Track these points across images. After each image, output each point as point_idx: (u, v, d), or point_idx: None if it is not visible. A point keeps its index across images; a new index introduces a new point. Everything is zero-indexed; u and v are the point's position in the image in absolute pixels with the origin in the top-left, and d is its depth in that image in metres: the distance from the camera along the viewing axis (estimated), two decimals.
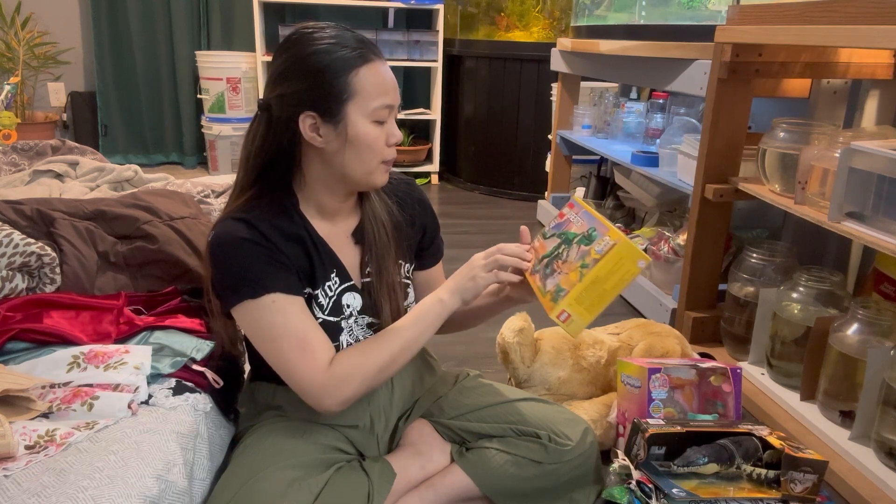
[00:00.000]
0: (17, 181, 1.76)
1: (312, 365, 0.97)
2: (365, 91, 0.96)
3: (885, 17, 1.25)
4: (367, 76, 0.96)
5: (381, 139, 0.99)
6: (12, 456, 0.89)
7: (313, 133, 0.98)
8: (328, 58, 0.95)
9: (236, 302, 0.98)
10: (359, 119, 0.97)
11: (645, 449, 1.22)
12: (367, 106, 0.97)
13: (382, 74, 0.98)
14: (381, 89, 0.97)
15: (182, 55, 3.85)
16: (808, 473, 1.18)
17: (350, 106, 0.96)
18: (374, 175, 1.02)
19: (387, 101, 0.98)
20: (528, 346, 1.47)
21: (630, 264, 0.93)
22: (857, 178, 1.33)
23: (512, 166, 3.69)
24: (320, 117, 0.97)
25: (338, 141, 0.98)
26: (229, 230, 0.98)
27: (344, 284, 1.07)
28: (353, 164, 0.99)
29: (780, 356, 1.59)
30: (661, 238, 2.17)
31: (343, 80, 0.95)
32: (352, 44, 0.97)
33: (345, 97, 0.96)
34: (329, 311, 1.05)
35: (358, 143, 0.98)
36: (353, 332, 1.08)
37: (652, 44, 2.11)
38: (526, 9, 3.58)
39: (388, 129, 1.00)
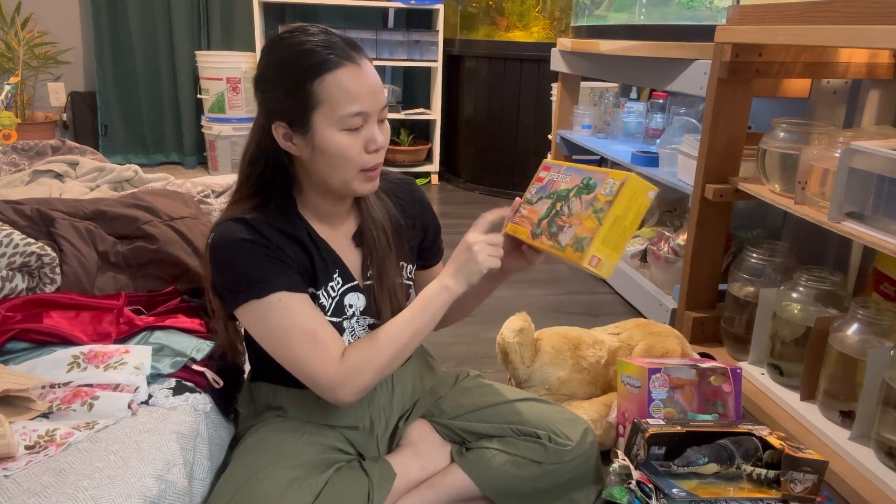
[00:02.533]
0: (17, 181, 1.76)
1: (325, 358, 0.96)
2: (332, 99, 0.91)
3: (885, 17, 1.25)
4: (334, 83, 0.91)
5: (353, 147, 0.94)
6: (12, 456, 0.89)
7: (287, 142, 0.96)
8: (293, 66, 0.92)
9: (241, 303, 0.97)
10: (326, 128, 0.93)
11: (645, 449, 1.22)
12: (333, 115, 0.92)
13: (354, 80, 0.92)
14: (349, 96, 0.92)
15: (182, 55, 3.85)
16: (808, 473, 1.18)
17: (316, 115, 0.92)
18: (353, 183, 0.98)
19: (356, 108, 0.92)
20: (528, 347, 1.47)
21: (642, 197, 0.95)
22: (857, 178, 1.33)
23: (512, 166, 3.69)
24: (290, 127, 0.95)
25: (308, 150, 0.96)
26: (229, 231, 0.98)
27: (347, 285, 1.07)
28: (328, 173, 0.97)
29: (780, 356, 1.59)
30: (661, 238, 2.17)
31: (307, 89, 0.91)
32: (320, 49, 0.91)
33: (310, 106, 0.92)
34: (331, 312, 1.05)
35: (327, 152, 0.94)
36: (354, 332, 1.08)
37: (652, 44, 2.11)
38: (526, 9, 3.58)
39: (366, 135, 0.95)
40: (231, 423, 1.18)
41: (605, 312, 2.20)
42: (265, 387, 1.13)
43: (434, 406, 1.21)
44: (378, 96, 0.95)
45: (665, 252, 2.12)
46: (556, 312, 2.17)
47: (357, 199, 1.10)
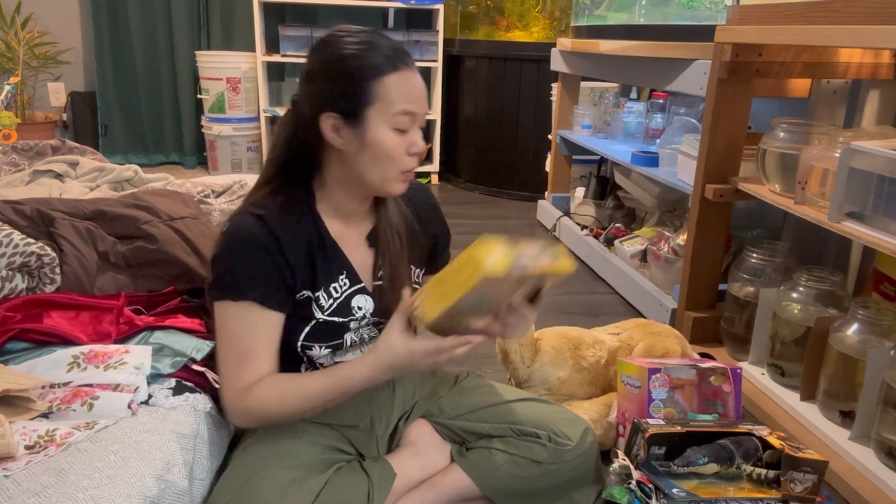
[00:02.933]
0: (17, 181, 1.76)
1: (236, 380, 0.99)
2: (388, 97, 0.96)
3: (885, 17, 1.25)
4: (393, 83, 0.96)
5: (400, 147, 0.99)
6: (12, 456, 0.89)
7: (334, 133, 0.99)
8: (356, 62, 0.96)
9: (218, 298, 1.00)
10: (379, 124, 0.97)
11: (645, 449, 1.22)
12: (388, 111, 0.96)
13: (410, 83, 0.98)
14: (405, 97, 0.97)
15: (182, 55, 3.85)
16: (808, 473, 1.18)
17: (371, 110, 0.96)
18: (391, 183, 1.02)
19: (409, 108, 0.98)
20: (528, 347, 1.47)
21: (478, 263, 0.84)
22: (857, 178, 1.33)
23: (512, 166, 3.69)
24: (342, 118, 0.97)
25: (356, 144, 0.98)
26: (243, 226, 0.99)
27: (354, 287, 1.07)
28: (370, 169, 1.00)
29: (780, 356, 1.59)
30: (661, 238, 2.18)
31: (367, 85, 0.95)
32: (383, 50, 0.96)
33: (367, 101, 0.96)
34: (332, 312, 1.05)
35: (376, 148, 0.98)
36: (359, 331, 1.09)
37: (652, 44, 2.11)
38: (526, 9, 3.58)
39: (410, 138, 1.00)
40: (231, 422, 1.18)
41: (605, 312, 2.20)
42: None
43: (434, 406, 1.21)
44: (425, 102, 1.01)
45: (665, 252, 2.12)
46: (556, 312, 2.17)
47: (376, 200, 1.11)
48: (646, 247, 2.29)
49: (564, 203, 3.10)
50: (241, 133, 3.78)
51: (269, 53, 3.72)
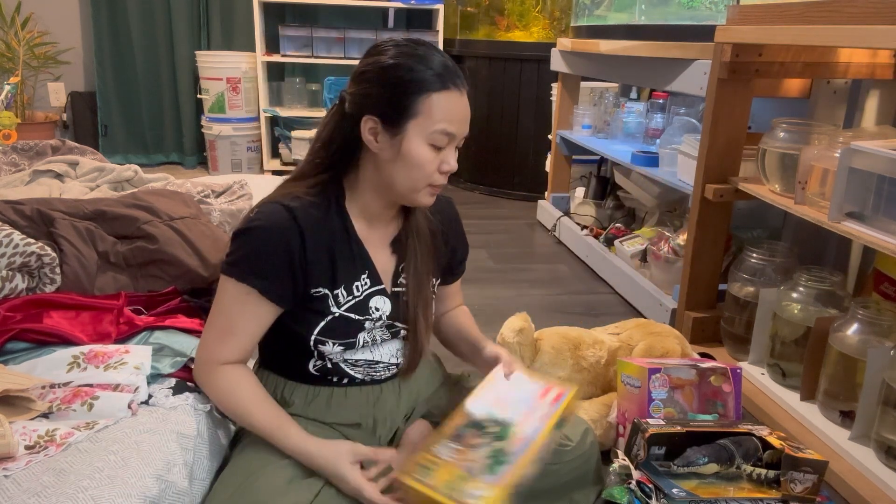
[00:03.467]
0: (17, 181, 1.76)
1: (214, 352, 1.03)
2: (430, 114, 0.97)
3: (885, 17, 1.25)
4: (438, 102, 0.97)
5: (433, 163, 1.00)
6: (12, 456, 0.89)
7: (371, 137, 1.00)
8: (407, 74, 0.97)
9: (226, 272, 1.02)
10: (416, 138, 0.98)
11: (645, 449, 1.22)
12: (427, 128, 0.98)
13: (455, 104, 0.99)
14: (447, 116, 0.98)
15: (182, 55, 3.85)
16: (808, 473, 1.18)
17: (411, 123, 0.98)
18: (419, 195, 1.03)
19: (449, 128, 0.99)
20: (528, 347, 1.47)
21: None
22: (857, 178, 1.33)
23: (512, 166, 3.69)
24: (381, 124, 0.99)
25: (392, 151, 1.00)
26: (270, 213, 1.01)
27: (374, 287, 1.08)
28: (400, 178, 1.01)
29: (780, 356, 1.59)
30: (661, 238, 2.18)
31: (413, 98, 0.97)
32: (435, 67, 0.98)
33: (410, 114, 0.97)
34: (350, 308, 1.06)
35: (409, 159, 0.99)
36: (373, 332, 1.09)
37: (652, 44, 2.11)
38: (526, 9, 3.58)
39: (444, 156, 1.01)
40: (231, 422, 1.18)
41: (605, 312, 2.20)
42: (272, 378, 1.13)
43: (434, 406, 1.21)
44: (466, 126, 1.02)
45: (665, 252, 2.12)
46: (556, 312, 2.17)
47: (404, 208, 1.12)
48: (646, 247, 2.29)
49: (564, 203, 3.10)
50: (241, 133, 3.78)
51: (269, 53, 3.72)
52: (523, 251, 2.82)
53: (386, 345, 1.12)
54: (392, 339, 1.12)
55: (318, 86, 3.93)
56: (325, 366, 1.08)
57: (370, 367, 1.10)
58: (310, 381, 1.09)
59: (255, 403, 1.03)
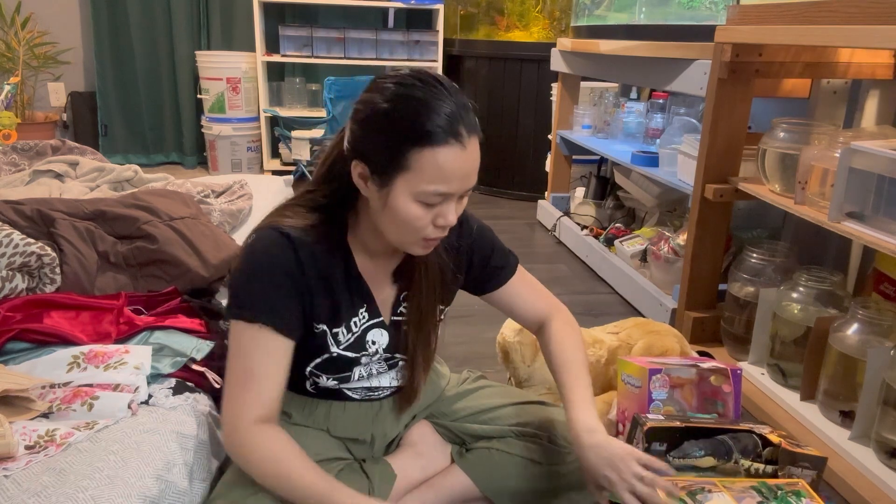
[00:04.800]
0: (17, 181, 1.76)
1: (240, 406, 0.92)
2: (420, 171, 0.86)
3: (885, 17, 1.25)
4: (431, 159, 0.85)
5: (422, 219, 0.89)
6: (12, 456, 0.89)
7: (361, 181, 0.91)
8: (399, 123, 0.86)
9: (234, 316, 0.94)
10: (403, 194, 0.88)
11: (644, 442, 1.22)
12: (416, 186, 0.87)
13: (454, 160, 0.86)
14: (439, 175, 0.86)
15: (182, 55, 3.85)
16: (807, 469, 1.17)
17: (399, 178, 0.87)
18: (409, 246, 0.95)
19: (441, 188, 0.87)
20: (529, 346, 1.47)
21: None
22: (857, 178, 1.33)
23: (512, 166, 3.69)
24: (369, 172, 0.89)
25: (379, 201, 0.90)
26: (269, 243, 0.94)
27: (372, 321, 1.03)
28: (388, 228, 0.93)
29: (780, 356, 1.59)
30: (661, 238, 2.17)
31: (404, 152, 0.85)
32: (436, 118, 0.85)
33: (398, 167, 0.86)
34: (348, 347, 1.02)
35: (395, 214, 0.89)
36: (369, 366, 1.06)
37: (652, 44, 2.11)
38: (526, 9, 3.58)
39: (440, 210, 0.90)
40: None
41: (605, 312, 2.20)
42: None
43: (435, 408, 1.21)
44: (468, 180, 0.90)
45: (665, 252, 2.12)
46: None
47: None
48: (646, 247, 2.29)
49: (564, 203, 3.10)
50: (241, 133, 3.78)
51: (269, 53, 3.72)
52: (523, 251, 2.82)
53: (383, 375, 1.08)
54: (390, 370, 1.08)
55: (318, 86, 3.93)
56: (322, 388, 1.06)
57: (368, 391, 1.08)
58: (307, 395, 1.07)
59: (302, 470, 0.91)
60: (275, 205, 1.03)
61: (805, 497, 1.05)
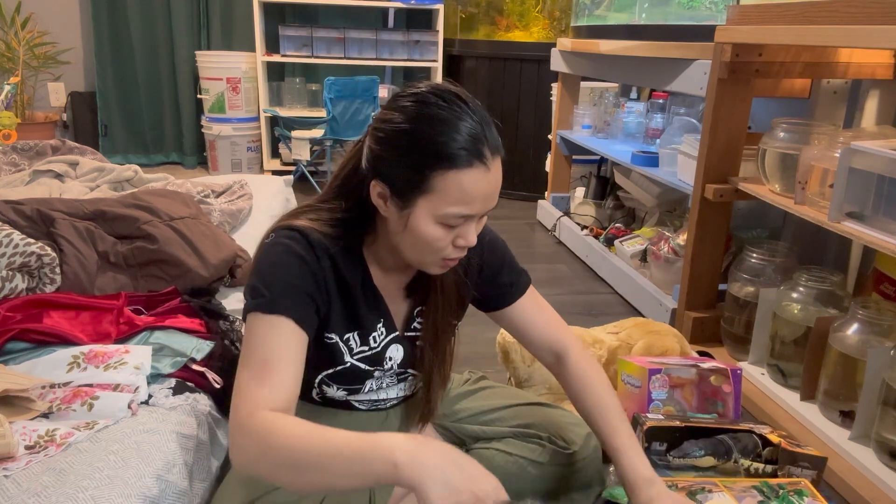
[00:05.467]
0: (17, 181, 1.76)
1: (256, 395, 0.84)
2: (443, 193, 0.84)
3: (885, 17, 1.25)
4: (455, 181, 0.84)
5: (443, 241, 0.88)
6: (12, 456, 0.89)
7: (381, 201, 0.90)
8: (425, 144, 0.83)
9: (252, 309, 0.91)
10: (424, 216, 0.86)
11: (643, 441, 1.22)
12: (438, 208, 0.85)
13: (477, 182, 0.85)
14: (463, 198, 0.85)
15: (182, 55, 3.85)
16: (807, 469, 1.18)
17: (421, 199, 0.85)
18: (428, 266, 0.93)
19: (463, 211, 0.86)
20: None
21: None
22: (857, 178, 1.33)
23: (512, 166, 3.69)
24: (390, 193, 0.88)
25: (399, 222, 0.89)
26: (291, 241, 0.92)
27: (390, 335, 1.02)
28: (407, 249, 0.91)
29: (780, 356, 1.59)
30: (661, 238, 2.17)
31: (425, 174, 0.84)
32: (459, 138, 0.83)
33: (420, 189, 0.85)
34: (364, 359, 1.00)
35: (415, 235, 0.88)
36: (381, 380, 1.05)
37: (652, 44, 2.11)
38: (526, 9, 3.58)
39: (460, 231, 0.89)
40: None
41: (605, 312, 2.20)
42: None
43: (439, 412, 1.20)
44: (491, 200, 0.89)
45: (665, 252, 2.12)
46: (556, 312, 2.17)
47: None
48: (646, 247, 2.29)
49: (564, 203, 3.10)
50: (241, 133, 3.78)
51: (269, 53, 3.72)
52: (523, 251, 2.82)
53: (392, 388, 1.08)
54: (399, 384, 1.08)
55: (318, 86, 3.94)
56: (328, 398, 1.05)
57: (375, 403, 1.08)
58: (312, 402, 1.06)
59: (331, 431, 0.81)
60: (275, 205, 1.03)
61: (808, 496, 1.05)
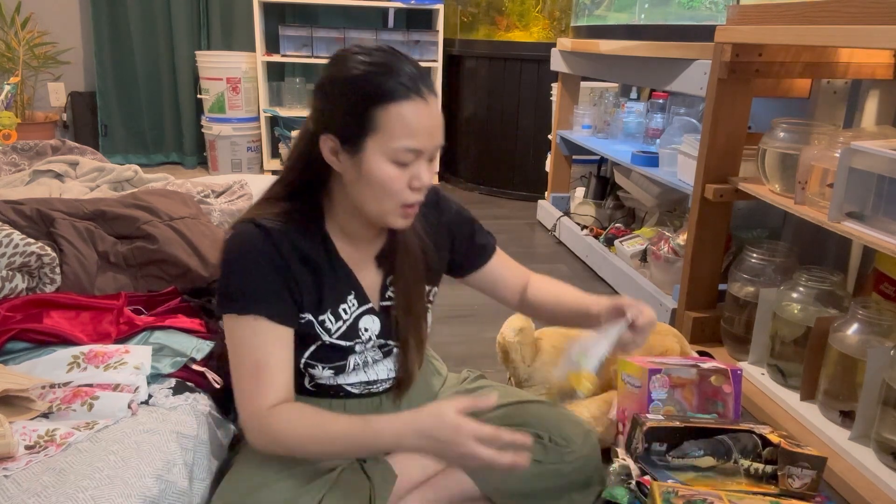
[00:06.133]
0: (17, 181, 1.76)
1: (256, 397, 0.93)
2: (388, 129, 0.88)
3: (885, 17, 1.25)
4: (398, 114, 0.88)
5: (399, 180, 0.91)
6: (12, 456, 0.89)
7: (333, 156, 0.93)
8: (361, 85, 0.88)
9: (225, 311, 0.96)
10: (377, 156, 0.89)
11: (643, 442, 1.22)
12: (386, 144, 0.89)
13: (418, 115, 0.89)
14: (409, 131, 0.88)
15: (182, 55, 3.85)
16: (807, 469, 1.18)
17: (370, 140, 0.89)
18: (390, 217, 0.95)
19: (412, 144, 0.89)
20: (529, 346, 1.47)
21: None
22: (857, 178, 1.33)
23: (512, 166, 3.69)
24: (340, 144, 0.91)
25: (354, 171, 0.92)
26: (248, 237, 0.95)
27: (362, 307, 1.04)
28: (366, 199, 0.94)
29: (780, 356, 1.59)
30: (661, 238, 2.17)
31: (370, 113, 0.88)
32: (395, 75, 0.88)
33: (367, 130, 0.89)
34: (341, 335, 1.02)
35: (371, 179, 0.91)
36: (364, 354, 1.06)
37: (652, 44, 2.11)
38: (526, 9, 3.58)
39: (413, 171, 0.92)
40: (231, 422, 1.18)
41: None
42: None
43: None
44: (436, 136, 0.92)
45: (665, 252, 2.12)
46: None
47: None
48: (646, 247, 2.29)
49: (564, 203, 3.10)
50: (241, 133, 3.78)
51: (269, 53, 3.72)
52: (523, 251, 2.82)
53: (379, 364, 1.09)
54: (385, 358, 1.09)
55: None
56: (320, 384, 1.06)
57: (367, 385, 1.09)
58: (307, 394, 1.07)
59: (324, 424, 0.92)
60: None
61: None
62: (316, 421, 0.93)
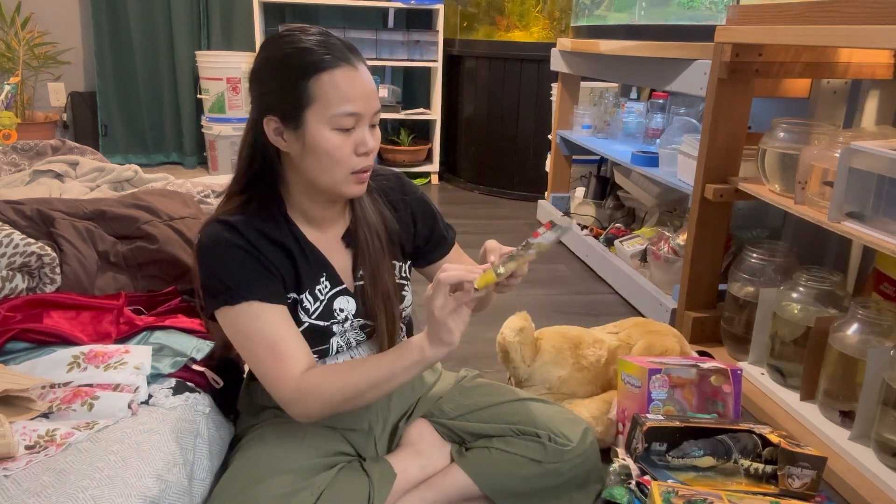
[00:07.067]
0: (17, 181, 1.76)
1: (282, 374, 0.96)
2: (325, 97, 0.92)
3: (885, 17, 1.25)
4: (329, 82, 0.92)
5: (343, 148, 0.95)
6: (12, 456, 0.89)
7: (277, 137, 0.97)
8: (290, 61, 0.93)
9: (215, 307, 0.98)
10: (318, 126, 0.93)
11: (643, 442, 1.22)
12: (325, 113, 0.93)
13: (349, 81, 0.93)
14: (344, 97, 0.93)
15: (182, 55, 3.84)
16: (807, 469, 1.18)
17: (308, 112, 0.93)
18: (343, 185, 0.98)
19: (349, 108, 0.93)
20: (529, 346, 1.47)
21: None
22: (857, 178, 1.33)
23: (512, 166, 3.69)
24: (282, 122, 0.95)
25: (299, 146, 0.95)
26: (214, 234, 0.98)
27: (336, 288, 1.06)
28: (316, 172, 0.96)
29: (780, 356, 1.59)
30: (661, 238, 2.17)
31: (302, 85, 0.92)
32: (318, 48, 0.93)
33: (303, 102, 0.93)
34: (318, 316, 1.04)
35: (317, 150, 0.94)
36: (346, 334, 1.08)
37: (652, 44, 2.11)
38: (526, 9, 3.58)
39: (357, 137, 0.95)
40: (231, 422, 1.18)
41: (606, 312, 2.20)
42: (262, 387, 1.12)
43: (434, 406, 1.21)
44: (371, 100, 0.96)
45: (665, 252, 2.12)
46: (556, 312, 2.17)
47: (350, 200, 1.08)
48: (646, 247, 2.29)
49: (564, 203, 3.10)
50: (242, 133, 3.77)
51: None
52: None
53: (363, 346, 1.10)
54: (367, 340, 1.11)
55: None
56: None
57: None
58: None
59: (360, 363, 0.98)
60: None
61: None
62: (346, 368, 0.98)
